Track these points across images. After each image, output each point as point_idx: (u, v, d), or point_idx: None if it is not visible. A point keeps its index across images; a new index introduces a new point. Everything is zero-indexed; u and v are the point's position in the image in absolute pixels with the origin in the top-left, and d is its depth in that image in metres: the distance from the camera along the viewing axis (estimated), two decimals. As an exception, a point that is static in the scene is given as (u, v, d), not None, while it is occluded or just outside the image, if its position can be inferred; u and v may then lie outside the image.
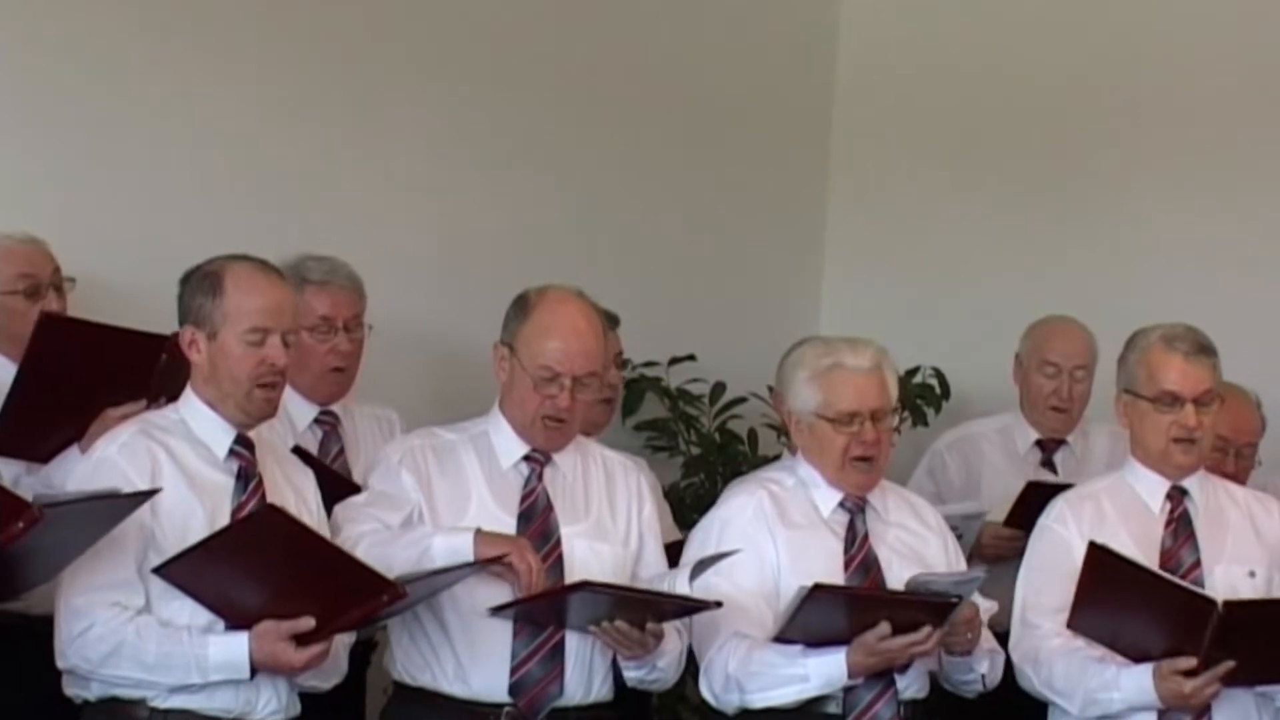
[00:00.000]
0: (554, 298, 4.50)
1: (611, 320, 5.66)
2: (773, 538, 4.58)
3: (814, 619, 4.40)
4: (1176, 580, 4.56)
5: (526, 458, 4.50)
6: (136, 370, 4.54)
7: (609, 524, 4.54)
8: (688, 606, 4.38)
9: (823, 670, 4.44)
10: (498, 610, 4.32)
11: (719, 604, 4.33)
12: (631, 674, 4.48)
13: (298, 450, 4.95)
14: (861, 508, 4.66)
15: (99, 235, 5.22)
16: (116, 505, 3.94)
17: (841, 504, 4.65)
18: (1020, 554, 5.50)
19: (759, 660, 4.48)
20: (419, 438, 4.55)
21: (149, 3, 5.55)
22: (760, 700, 4.49)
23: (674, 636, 4.48)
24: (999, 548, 5.65)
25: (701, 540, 4.62)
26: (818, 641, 4.45)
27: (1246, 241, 6.78)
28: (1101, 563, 4.47)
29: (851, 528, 4.64)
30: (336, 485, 4.61)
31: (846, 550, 4.61)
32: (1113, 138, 7.00)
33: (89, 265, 4.98)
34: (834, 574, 4.54)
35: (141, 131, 5.50)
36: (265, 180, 5.72)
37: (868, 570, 4.60)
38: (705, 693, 4.58)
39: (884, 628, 4.37)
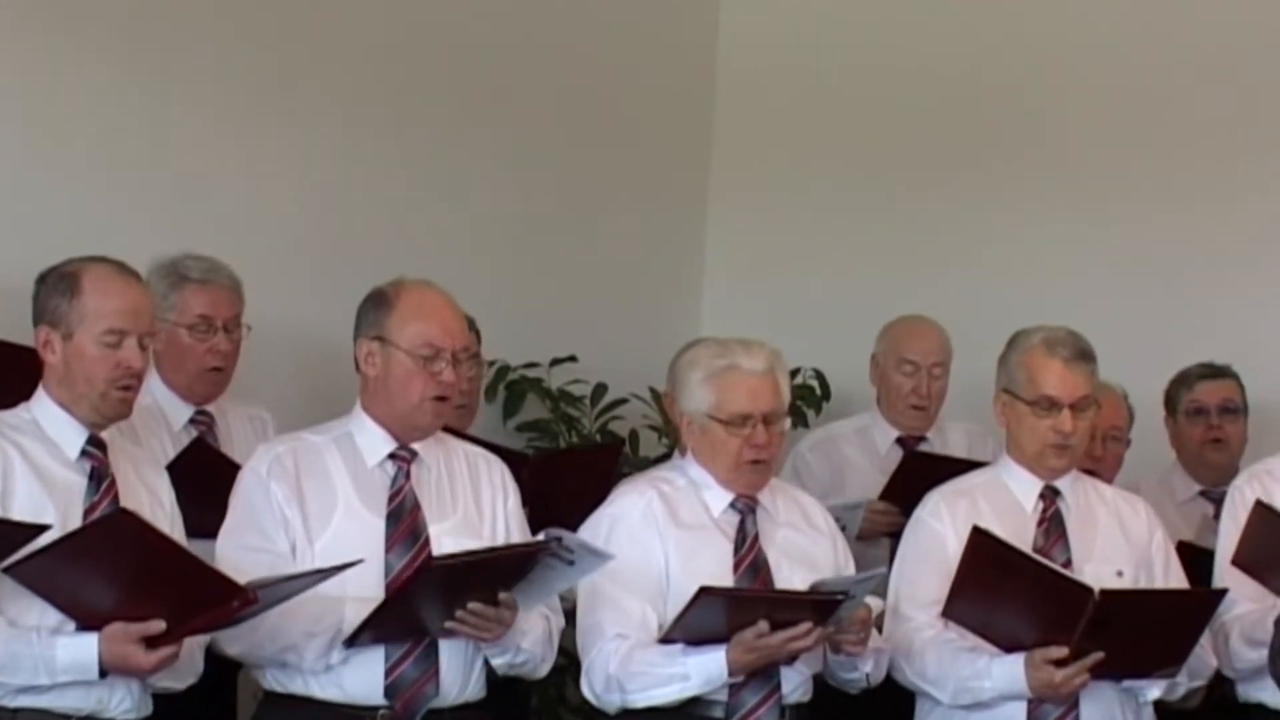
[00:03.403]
0: (413, 285, 4.51)
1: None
2: (662, 538, 4.58)
3: (699, 620, 4.40)
4: (1055, 567, 4.62)
5: (392, 455, 4.47)
6: (13, 382, 4.48)
7: (475, 519, 4.51)
8: (526, 552, 4.33)
9: (703, 668, 4.43)
10: (353, 640, 4.28)
11: (560, 539, 4.27)
12: (499, 660, 4.44)
13: (199, 442, 4.99)
14: (752, 509, 4.66)
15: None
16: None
17: (732, 505, 4.65)
18: (894, 531, 5.53)
19: (640, 660, 4.47)
20: (283, 443, 4.51)
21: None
22: (642, 700, 4.48)
23: (536, 615, 4.45)
24: (874, 522, 5.71)
25: (591, 536, 4.55)
26: (702, 641, 4.44)
27: (1118, 245, 6.86)
28: (983, 547, 4.52)
29: (742, 529, 4.64)
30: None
31: (736, 551, 4.61)
32: (990, 141, 7.06)
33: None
34: (723, 575, 4.55)
35: (11, 129, 5.43)
36: (137, 179, 5.66)
37: (757, 571, 4.60)
38: (587, 693, 4.57)
39: (761, 625, 4.37)
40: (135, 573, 3.95)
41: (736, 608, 4.42)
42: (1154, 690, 4.68)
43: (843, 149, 7.26)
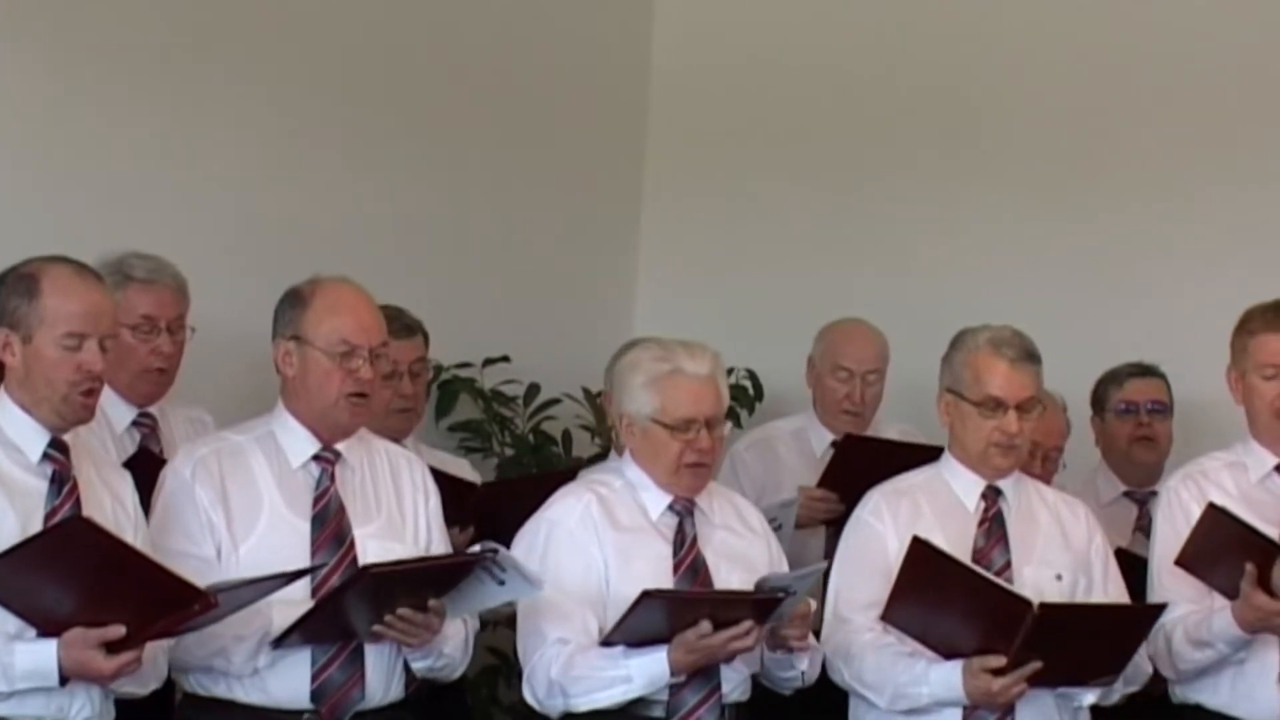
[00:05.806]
0: (329, 282, 4.52)
1: (409, 329, 5.59)
2: (600, 543, 4.57)
3: (642, 622, 4.41)
4: (995, 579, 4.61)
5: (316, 457, 4.47)
6: None
7: (399, 521, 4.52)
8: (459, 564, 4.35)
9: (645, 670, 4.44)
10: (280, 642, 4.29)
11: (495, 551, 4.28)
12: (419, 664, 4.45)
13: (143, 452, 4.96)
14: (690, 510, 4.66)
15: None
16: None
17: (670, 507, 4.65)
18: (831, 519, 5.57)
19: (581, 664, 4.47)
20: (206, 445, 4.51)
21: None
22: (585, 704, 4.48)
23: (456, 620, 4.46)
24: (812, 509, 5.71)
25: (529, 541, 4.59)
26: (644, 643, 4.45)
27: (1056, 244, 6.89)
28: (922, 557, 4.51)
29: (680, 530, 4.64)
30: None
31: (675, 553, 4.61)
32: (925, 142, 7.07)
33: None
34: (663, 577, 4.55)
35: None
36: (78, 180, 5.62)
37: (696, 573, 4.60)
38: (529, 698, 4.56)
39: (704, 626, 4.38)
40: (93, 578, 3.92)
41: (679, 609, 4.43)
42: (1089, 696, 4.69)
43: (777, 149, 7.25)
